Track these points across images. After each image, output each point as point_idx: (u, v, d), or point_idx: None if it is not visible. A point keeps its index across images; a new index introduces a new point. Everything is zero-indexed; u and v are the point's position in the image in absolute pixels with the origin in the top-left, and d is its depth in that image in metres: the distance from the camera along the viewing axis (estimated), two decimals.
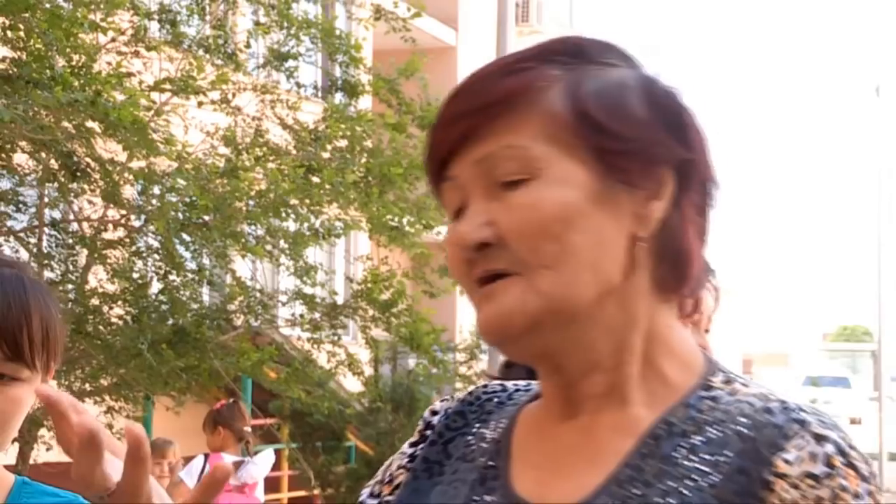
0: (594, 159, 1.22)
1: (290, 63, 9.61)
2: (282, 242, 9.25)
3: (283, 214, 8.90)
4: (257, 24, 9.50)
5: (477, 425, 1.35)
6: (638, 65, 1.30)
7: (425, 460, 1.35)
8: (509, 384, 1.39)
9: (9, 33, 7.39)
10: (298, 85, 9.76)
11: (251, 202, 8.67)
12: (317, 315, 9.87)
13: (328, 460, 13.81)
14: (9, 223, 8.71)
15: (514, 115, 1.22)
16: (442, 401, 1.41)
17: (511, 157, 1.22)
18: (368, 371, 11.91)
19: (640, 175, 1.23)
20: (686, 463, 1.18)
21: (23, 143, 7.88)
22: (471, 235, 1.22)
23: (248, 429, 7.67)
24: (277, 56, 9.59)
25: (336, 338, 9.87)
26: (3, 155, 8.08)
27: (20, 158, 8.36)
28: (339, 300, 10.28)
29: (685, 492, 1.16)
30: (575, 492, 1.21)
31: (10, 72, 7.22)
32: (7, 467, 1.95)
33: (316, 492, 13.68)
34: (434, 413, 1.39)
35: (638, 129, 1.23)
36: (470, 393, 1.39)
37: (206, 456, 7.78)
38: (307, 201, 9.03)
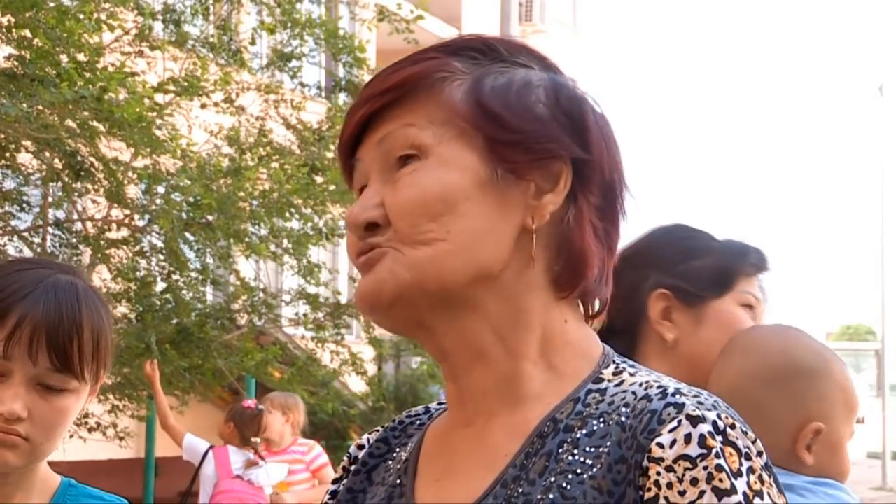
0: (485, 147, 1.24)
1: (294, 63, 9.62)
2: (285, 242, 9.26)
3: (287, 214, 8.92)
4: (262, 23, 9.51)
5: (397, 449, 1.37)
6: (553, 68, 1.32)
7: (349, 490, 1.37)
8: (433, 405, 1.41)
9: (14, 31, 7.39)
10: (302, 85, 9.77)
11: (255, 202, 8.68)
12: (320, 315, 9.88)
13: (332, 460, 13.83)
14: (13, 223, 8.72)
15: (413, 100, 1.26)
16: (369, 433, 1.43)
17: (404, 136, 1.25)
18: (372, 370, 11.91)
19: (529, 167, 1.25)
20: (569, 458, 1.18)
21: (27, 143, 7.88)
22: (360, 216, 1.25)
23: (257, 440, 7.66)
24: (281, 56, 9.60)
25: (339, 337, 9.89)
26: (7, 154, 8.09)
27: (24, 158, 8.37)
28: (343, 300, 10.29)
29: (566, 485, 1.16)
30: (467, 497, 1.22)
31: (15, 69, 7.23)
32: None
33: None
34: (360, 447, 1.41)
35: (532, 122, 1.26)
36: (394, 419, 1.42)
37: (212, 447, 7.80)
38: (310, 201, 9.05)
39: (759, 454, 1.16)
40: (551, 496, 1.16)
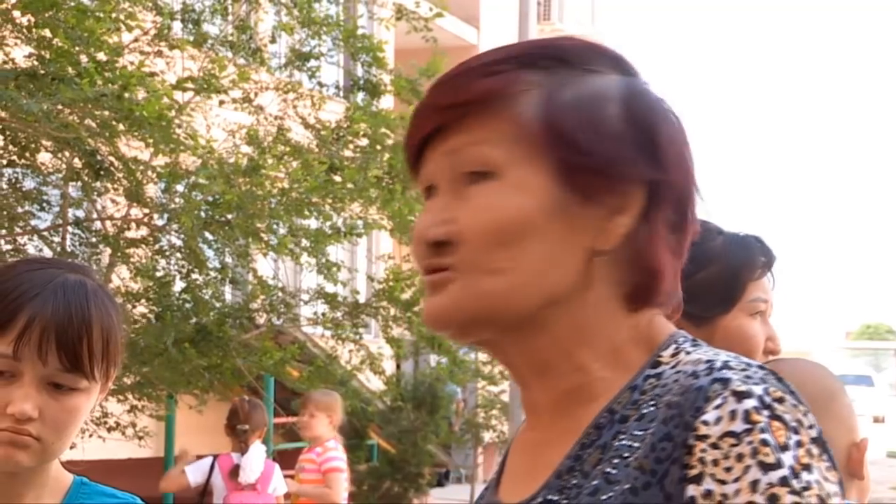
0: (557, 171, 1.23)
1: (313, 63, 9.63)
2: (304, 241, 9.26)
3: (306, 213, 8.92)
4: (280, 23, 9.52)
5: None
6: (628, 70, 1.29)
7: None
8: None
9: (33, 31, 7.41)
10: (321, 84, 9.78)
11: (273, 200, 8.69)
12: (338, 314, 9.88)
13: (350, 458, 13.84)
14: (33, 222, 8.75)
15: (485, 116, 1.24)
16: None
17: (475, 154, 1.24)
18: (390, 369, 11.92)
19: (603, 191, 1.23)
20: (616, 444, 1.18)
21: (46, 142, 7.91)
22: (430, 233, 1.25)
23: (244, 427, 7.77)
24: (299, 56, 9.61)
25: (358, 336, 9.89)
26: (28, 154, 8.12)
27: (44, 157, 8.40)
28: (361, 299, 10.30)
29: (611, 470, 1.16)
30: (530, 492, 1.25)
31: (35, 69, 7.25)
32: None
33: None
34: None
35: (605, 143, 1.23)
36: None
37: (216, 457, 7.88)
38: (329, 200, 9.05)
39: (811, 427, 1.14)
40: (595, 482, 1.16)
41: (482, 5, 20.69)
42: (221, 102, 8.93)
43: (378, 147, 9.54)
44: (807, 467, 1.10)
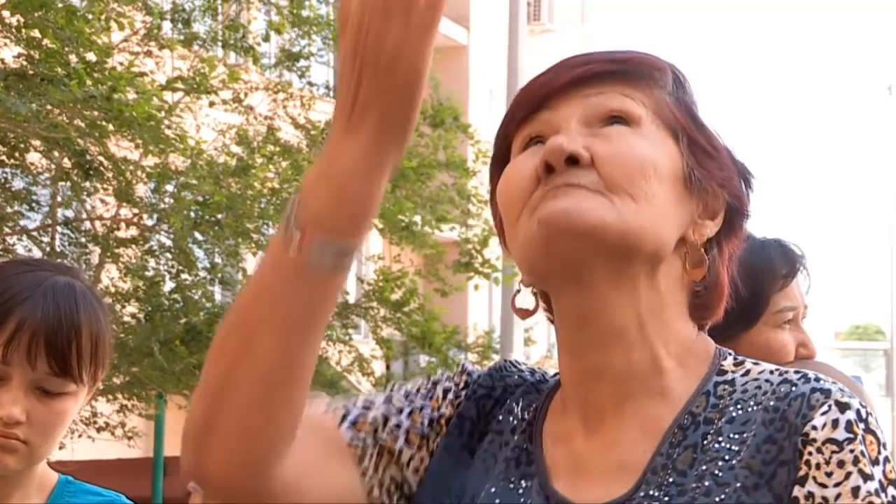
0: (687, 148, 1.28)
1: (302, 63, 9.62)
2: None
3: None
4: (270, 23, 9.52)
5: (508, 399, 1.36)
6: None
7: (460, 416, 1.35)
8: (538, 370, 1.40)
9: (23, 31, 7.40)
10: (310, 84, 9.77)
11: (263, 200, 8.69)
12: None
13: None
14: (22, 222, 8.73)
15: (632, 80, 1.29)
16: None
17: (621, 100, 1.27)
18: (380, 370, 11.90)
19: (709, 187, 1.29)
20: (715, 446, 1.21)
21: (36, 142, 7.89)
22: (569, 146, 1.23)
23: None
24: (289, 56, 9.60)
25: (347, 337, 9.88)
26: (17, 154, 8.10)
27: (33, 157, 8.38)
28: (351, 300, 10.29)
29: (717, 472, 1.19)
30: (611, 491, 1.22)
31: (25, 69, 7.24)
32: None
33: None
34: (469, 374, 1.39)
35: (722, 148, 1.32)
36: (501, 367, 1.40)
37: None
38: None
39: (886, 446, 1.21)
40: (706, 483, 1.19)
41: (472, 6, 20.69)
42: (212, 104, 8.92)
43: None
44: (893, 483, 1.18)
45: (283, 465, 1.23)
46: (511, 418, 1.33)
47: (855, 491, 1.16)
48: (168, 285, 9.03)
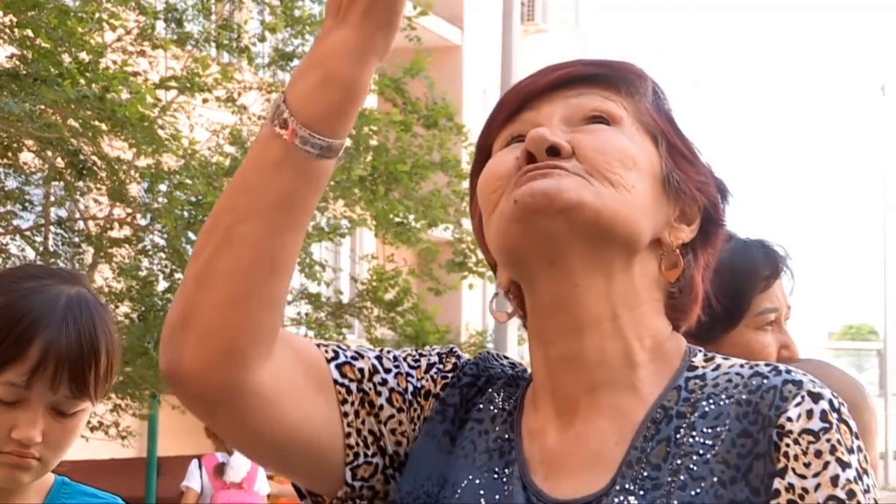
0: (666, 151, 1.31)
1: (296, 62, 9.62)
2: None
3: None
4: (263, 22, 9.51)
5: (490, 389, 1.37)
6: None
7: (443, 403, 1.35)
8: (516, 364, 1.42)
9: (16, 31, 7.40)
10: None
11: None
12: (322, 314, 9.87)
13: None
14: (15, 222, 8.73)
15: (614, 85, 1.33)
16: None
17: (602, 101, 1.31)
18: None
19: (686, 192, 1.31)
20: (689, 440, 1.22)
21: (29, 142, 7.89)
22: (550, 137, 1.26)
23: None
24: (283, 55, 9.60)
25: (341, 337, 9.88)
26: (10, 153, 8.09)
27: (26, 157, 8.37)
28: (345, 299, 10.29)
29: (692, 467, 1.20)
30: (588, 485, 1.23)
31: (17, 69, 7.23)
32: None
33: None
34: (458, 357, 1.40)
35: (698, 156, 1.35)
36: (483, 357, 1.41)
37: (199, 459, 7.89)
38: None
39: (857, 435, 1.22)
40: (682, 477, 1.20)
41: (466, 5, 20.69)
42: (205, 101, 8.92)
43: (361, 147, 9.53)
44: (866, 472, 1.20)
45: (260, 373, 1.23)
46: (492, 407, 1.34)
47: (834, 480, 1.17)
48: (162, 285, 9.02)
